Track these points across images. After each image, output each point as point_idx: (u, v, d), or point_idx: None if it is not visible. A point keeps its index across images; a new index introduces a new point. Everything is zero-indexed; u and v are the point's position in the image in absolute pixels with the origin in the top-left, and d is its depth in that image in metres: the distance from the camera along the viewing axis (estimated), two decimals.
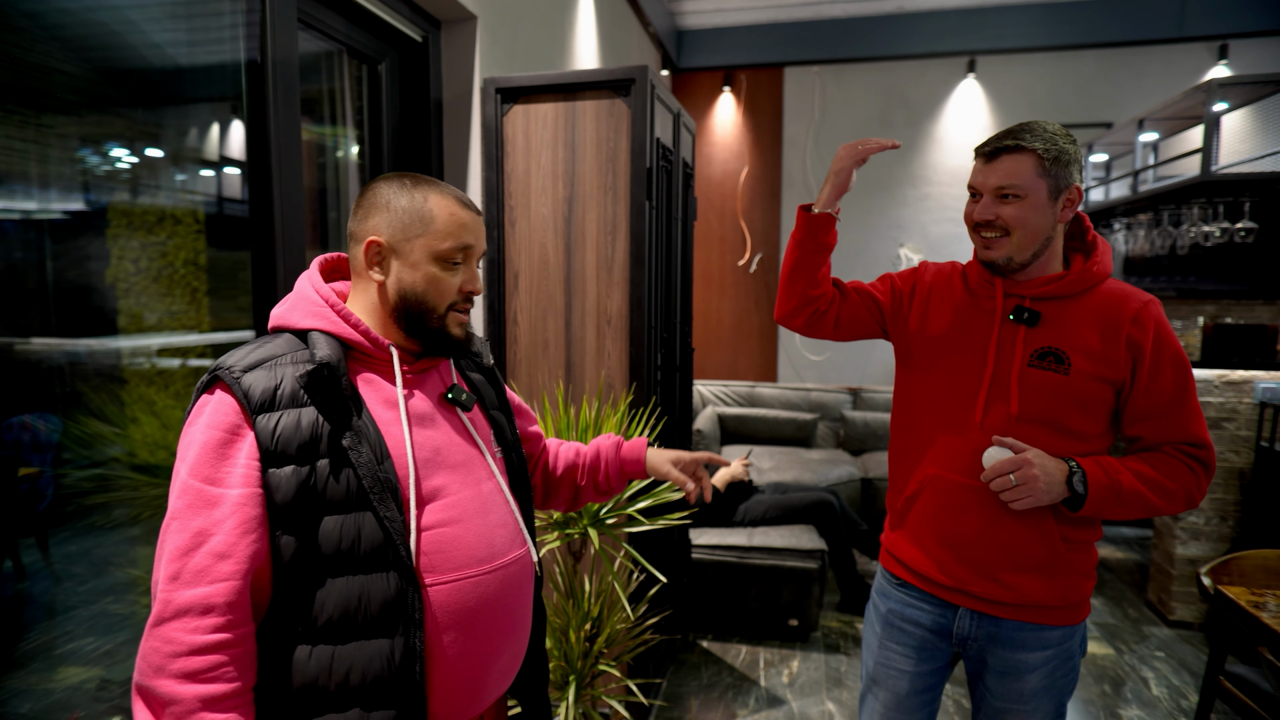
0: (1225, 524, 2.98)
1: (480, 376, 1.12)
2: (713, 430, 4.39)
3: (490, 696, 0.98)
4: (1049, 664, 1.27)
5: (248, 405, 0.84)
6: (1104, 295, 1.24)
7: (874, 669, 1.42)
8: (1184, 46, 4.67)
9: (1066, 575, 1.24)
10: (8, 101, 1.30)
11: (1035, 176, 1.19)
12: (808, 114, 5.16)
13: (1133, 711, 2.47)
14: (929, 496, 1.30)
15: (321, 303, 0.93)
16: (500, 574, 0.96)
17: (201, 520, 0.80)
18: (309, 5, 1.75)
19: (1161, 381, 1.20)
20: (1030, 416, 1.22)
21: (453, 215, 0.95)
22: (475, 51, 2.21)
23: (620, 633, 1.84)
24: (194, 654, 0.77)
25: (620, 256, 2.13)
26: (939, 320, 1.35)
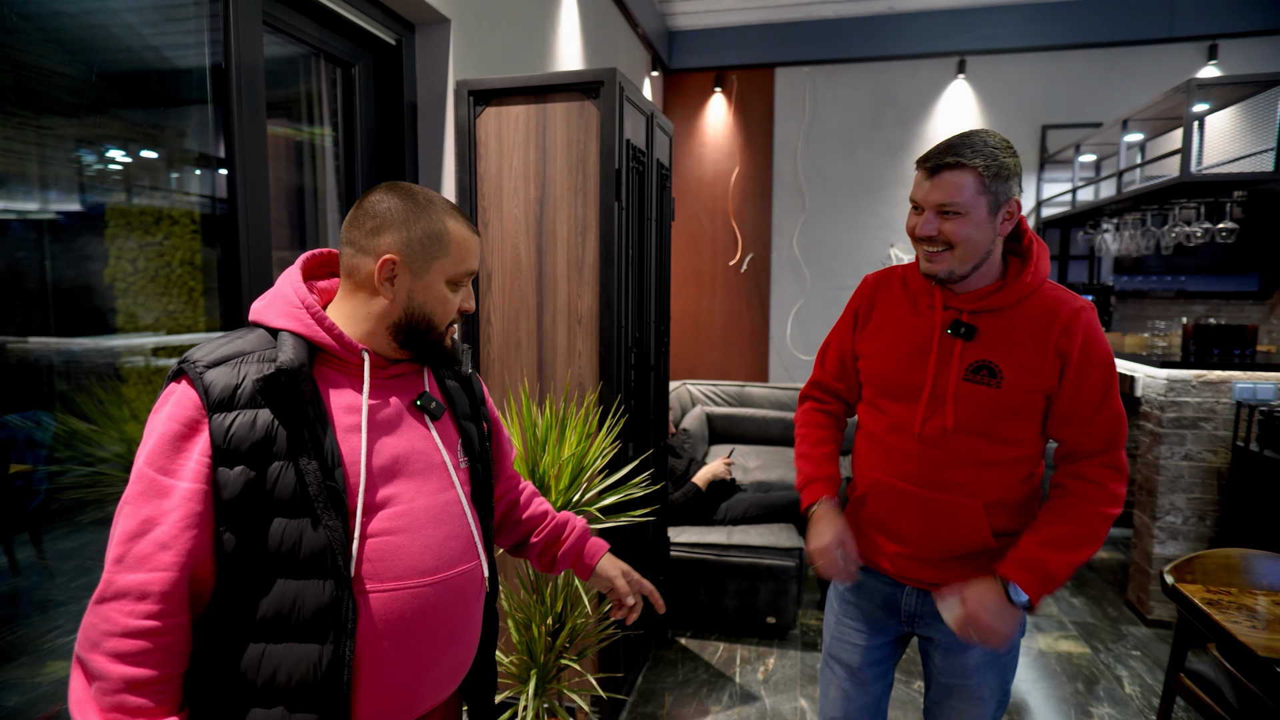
0: (1204, 524, 2.98)
1: (456, 384, 1.11)
2: (700, 430, 4.42)
3: (423, 706, 0.98)
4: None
5: (206, 401, 0.85)
6: (1038, 303, 1.28)
7: (830, 644, 1.51)
8: (1174, 46, 4.66)
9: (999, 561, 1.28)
10: (7, 103, 1.33)
11: (976, 193, 1.21)
12: (798, 114, 5.17)
13: (1104, 709, 2.49)
14: (875, 498, 1.38)
15: (298, 304, 0.94)
16: (443, 586, 0.96)
17: (150, 509, 0.83)
18: (278, 10, 1.78)
19: (1085, 388, 1.24)
20: (965, 428, 1.27)
21: (465, 241, 0.98)
22: (449, 54, 2.24)
23: (582, 628, 1.86)
24: (125, 636, 0.80)
25: (590, 257, 2.15)
26: (883, 333, 1.40)
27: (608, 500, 1.88)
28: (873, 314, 1.43)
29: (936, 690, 1.42)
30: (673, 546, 2.99)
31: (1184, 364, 2.97)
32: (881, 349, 1.38)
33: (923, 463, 1.31)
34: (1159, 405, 3.00)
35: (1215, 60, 4.57)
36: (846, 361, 1.48)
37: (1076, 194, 4.49)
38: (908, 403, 1.33)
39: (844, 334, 1.48)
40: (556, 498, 1.80)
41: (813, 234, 5.21)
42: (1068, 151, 4.59)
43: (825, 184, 5.17)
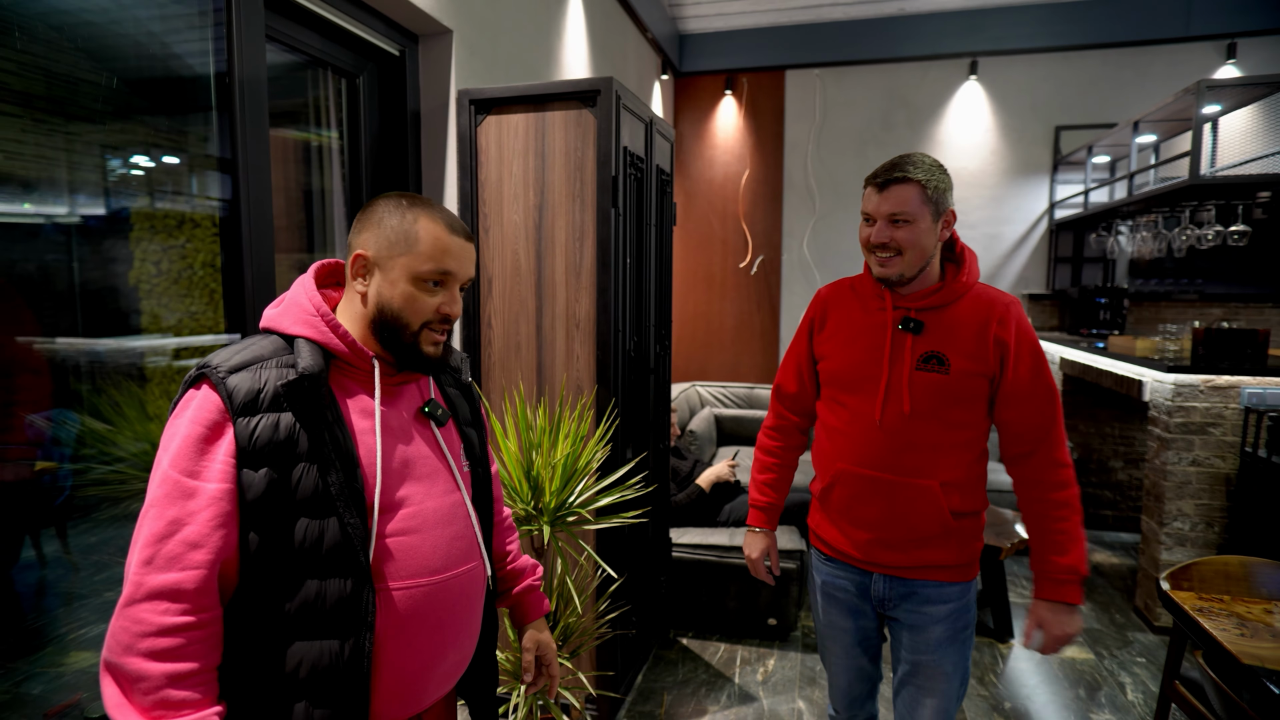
0: (1211, 530, 2.95)
1: (457, 392, 1.16)
2: (708, 431, 4.44)
3: (431, 697, 1.03)
4: (951, 617, 1.49)
5: (230, 406, 0.88)
6: (973, 300, 1.46)
7: (822, 629, 1.68)
8: (1191, 46, 4.60)
9: (958, 541, 1.47)
10: (38, 110, 1.40)
11: (921, 203, 1.38)
12: (809, 116, 5.18)
13: (1104, 716, 2.47)
14: (841, 487, 1.53)
15: (313, 311, 0.97)
16: (450, 584, 1.00)
17: (177, 510, 0.85)
18: (282, 24, 1.84)
19: (1022, 369, 1.42)
20: (920, 413, 1.44)
21: (437, 240, 0.98)
22: (451, 64, 2.29)
23: (576, 626, 1.90)
24: (162, 635, 0.82)
25: (588, 262, 2.19)
26: (840, 335, 1.56)
27: (601, 502, 1.92)
28: (828, 320, 1.60)
29: (904, 669, 1.55)
30: (675, 547, 3.01)
31: (1193, 368, 2.94)
32: (839, 348, 1.55)
33: (883, 449, 1.46)
34: (1166, 410, 2.97)
35: (1234, 59, 4.50)
36: (803, 368, 1.65)
37: (1089, 196, 4.44)
38: (866, 394, 1.48)
39: (801, 343, 1.65)
40: (550, 498, 1.83)
41: (823, 236, 5.20)
42: (1080, 153, 4.54)
43: (836, 186, 5.16)
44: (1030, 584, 3.57)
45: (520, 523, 1.89)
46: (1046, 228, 4.87)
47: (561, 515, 1.88)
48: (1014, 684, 2.68)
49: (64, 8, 1.41)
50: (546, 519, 1.86)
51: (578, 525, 1.92)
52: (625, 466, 2.17)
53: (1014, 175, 4.89)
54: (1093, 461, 4.32)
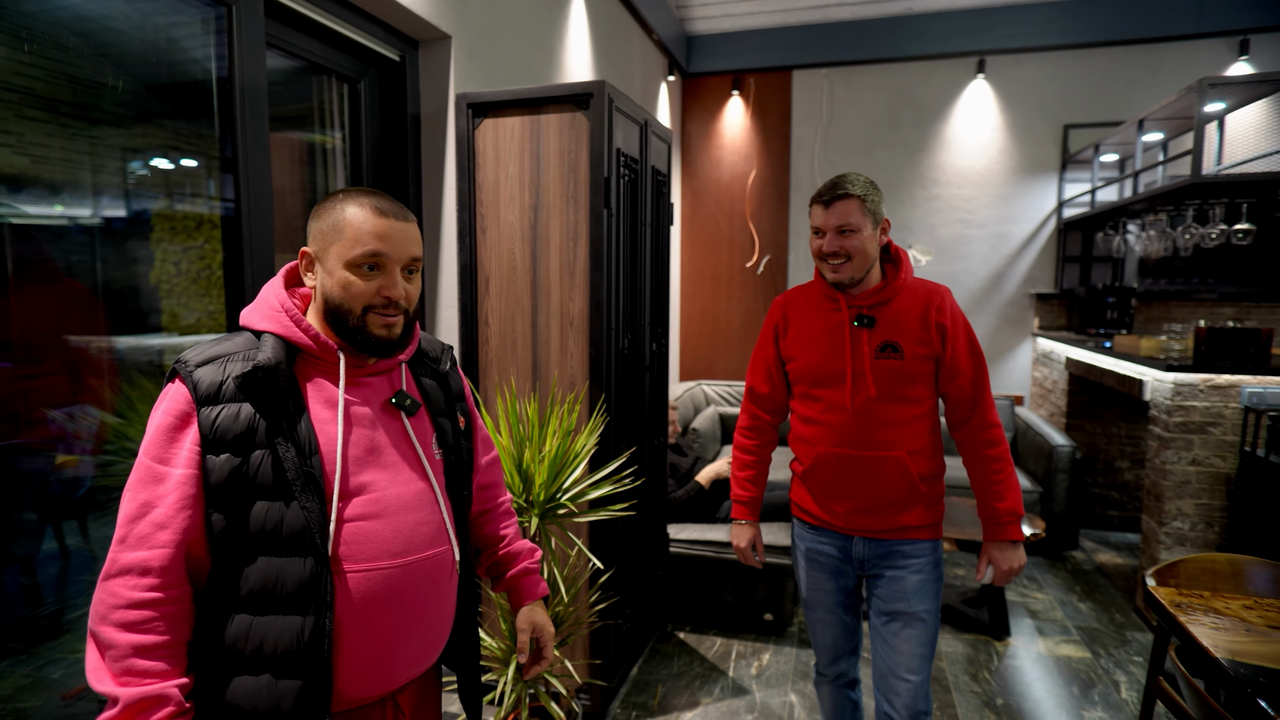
0: (1211, 530, 2.94)
1: (433, 382, 1.18)
2: (711, 429, 4.47)
3: (399, 678, 1.05)
4: (924, 569, 1.70)
5: (195, 396, 0.94)
6: (912, 293, 1.69)
7: (806, 593, 1.84)
8: (1203, 42, 4.56)
9: (925, 505, 1.70)
10: (63, 115, 1.47)
11: (861, 214, 1.62)
12: (816, 116, 5.19)
13: (1096, 713, 2.48)
14: (821, 468, 1.72)
15: (278, 308, 1.02)
16: (414, 567, 1.03)
17: (148, 493, 0.92)
18: (286, 32, 1.91)
19: (959, 348, 1.67)
20: (883, 395, 1.65)
21: (363, 224, 1.00)
22: (450, 69, 2.35)
23: (566, 615, 1.95)
24: (130, 608, 0.89)
25: (581, 261, 2.24)
26: (803, 337, 1.76)
27: (591, 495, 1.97)
28: (789, 326, 1.79)
29: (883, 619, 1.73)
30: (673, 543, 3.06)
31: (1194, 368, 2.93)
32: (805, 349, 1.74)
33: (856, 430, 1.67)
34: (1166, 409, 2.97)
35: (1247, 56, 4.45)
36: (773, 369, 1.83)
37: (1095, 195, 4.42)
38: (835, 385, 1.69)
39: (767, 347, 1.84)
40: (539, 490, 1.89)
41: None
42: (1087, 152, 4.52)
43: None
44: (1029, 582, 3.57)
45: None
46: (1055, 227, 4.85)
47: (551, 507, 1.93)
48: (1008, 681, 2.69)
49: (89, 15, 1.48)
50: (537, 511, 1.91)
51: (568, 518, 1.98)
52: (615, 461, 2.22)
53: (1022, 174, 4.87)
54: (1099, 461, 4.30)
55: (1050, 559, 3.86)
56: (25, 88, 1.41)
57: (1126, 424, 4.24)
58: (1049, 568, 3.75)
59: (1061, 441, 3.84)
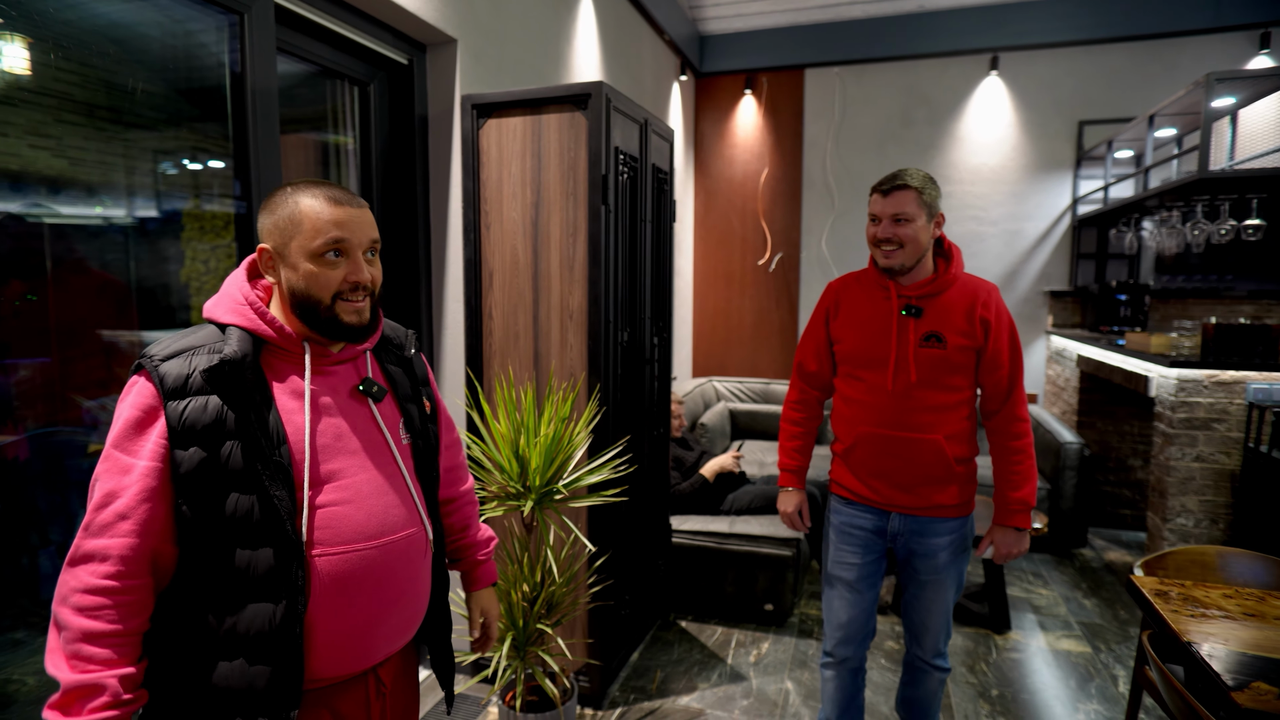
0: (1216, 526, 2.93)
1: (398, 369, 1.21)
2: (721, 425, 4.52)
3: (376, 655, 1.09)
4: (953, 545, 1.85)
5: (162, 390, 0.96)
6: (961, 287, 1.81)
7: (830, 567, 1.96)
8: (1222, 36, 4.50)
9: (959, 484, 1.82)
10: (98, 119, 1.57)
11: (918, 206, 1.74)
12: (828, 114, 5.21)
13: (1091, 706, 2.49)
14: (862, 446, 1.85)
15: (242, 301, 1.04)
16: (387, 549, 1.06)
17: (113, 483, 0.94)
18: (296, 37, 2.01)
19: (1001, 343, 1.78)
20: (924, 382, 1.78)
21: (319, 214, 1.02)
22: (456, 71, 2.44)
23: (560, 597, 2.02)
24: (86, 593, 0.91)
25: (580, 257, 2.31)
26: (853, 321, 1.88)
27: (586, 481, 2.04)
28: (840, 309, 1.92)
29: (914, 586, 1.91)
30: (676, 534, 3.12)
31: (1201, 364, 2.92)
32: (854, 332, 1.86)
33: (896, 411, 1.79)
34: (1170, 405, 2.96)
35: (1268, 49, 4.38)
36: (822, 349, 1.96)
37: (1109, 191, 4.39)
38: (879, 369, 1.81)
39: (818, 329, 1.97)
40: (534, 476, 1.96)
41: (842, 233, 5.24)
42: (1102, 148, 4.49)
43: (855, 183, 5.19)
44: (1035, 578, 3.57)
45: (509, 499, 2.02)
46: (1069, 224, 4.82)
47: (548, 492, 2.01)
48: (1005, 672, 2.71)
49: (121, 22, 1.59)
50: (534, 495, 1.99)
51: (563, 502, 2.05)
52: (611, 449, 2.29)
53: (1035, 171, 4.85)
54: (1111, 459, 4.27)
55: (1058, 556, 3.85)
56: (63, 93, 1.52)
57: (1139, 422, 4.21)
58: (1055, 565, 3.74)
59: (1070, 439, 3.83)
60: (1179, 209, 3.62)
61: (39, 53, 1.45)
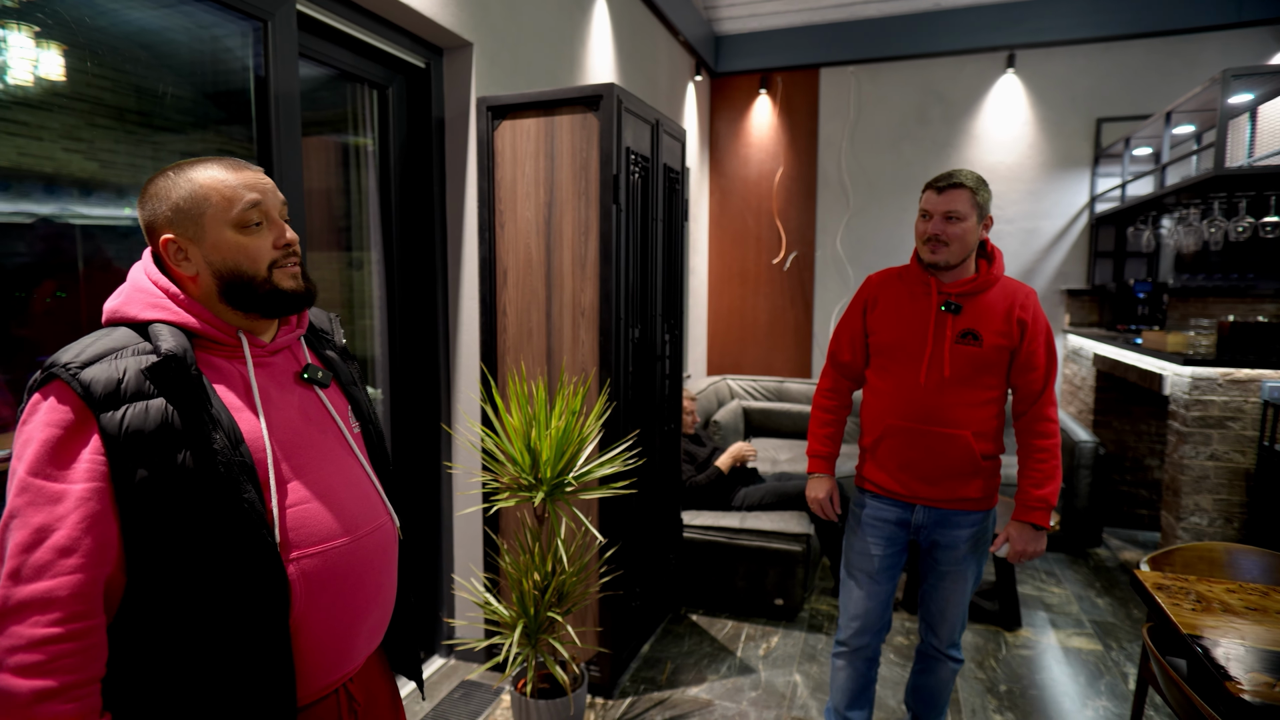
0: (1230, 525, 2.91)
1: (334, 355, 1.13)
2: (734, 423, 4.55)
3: (361, 655, 1.02)
4: (974, 537, 1.90)
5: (90, 401, 0.82)
6: (1001, 289, 1.86)
7: (852, 558, 2.01)
8: (1244, 32, 4.45)
9: (984, 478, 1.87)
10: (128, 123, 1.65)
11: (970, 205, 1.78)
12: (843, 113, 5.22)
13: (1101, 702, 2.50)
14: (890, 439, 1.90)
15: (159, 293, 0.92)
16: (361, 543, 1.00)
17: (43, 516, 0.80)
18: (317, 42, 2.08)
19: (1036, 345, 1.82)
20: (957, 378, 1.82)
21: (224, 182, 0.94)
22: (472, 74, 2.50)
23: (571, 585, 2.07)
24: (31, 648, 0.77)
25: (592, 255, 2.36)
26: (890, 314, 1.92)
27: (596, 473, 2.09)
28: (879, 303, 1.96)
29: (934, 577, 1.95)
30: (687, 528, 3.16)
31: (1216, 362, 2.90)
32: (891, 325, 1.90)
33: (927, 406, 1.83)
34: (1184, 404, 2.95)
35: None
36: (856, 340, 2.01)
37: (1126, 189, 4.36)
38: (913, 363, 1.85)
39: (854, 319, 2.01)
40: (545, 468, 2.02)
41: (857, 232, 5.24)
42: (1119, 145, 4.46)
43: (870, 182, 5.19)
44: (1047, 577, 3.57)
45: (521, 490, 2.08)
46: (1086, 222, 4.79)
47: (559, 485, 2.06)
48: (1014, 669, 2.72)
49: (149, 28, 1.67)
50: (544, 488, 2.04)
51: (574, 495, 2.10)
52: (621, 442, 2.33)
53: (1052, 169, 4.82)
54: (1127, 459, 4.24)
55: (1071, 555, 3.84)
56: (95, 98, 1.60)
57: (1156, 421, 4.18)
58: (1069, 564, 3.73)
59: (1085, 437, 3.82)
60: (1197, 206, 3.59)
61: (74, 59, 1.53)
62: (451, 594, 2.67)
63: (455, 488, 2.65)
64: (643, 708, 2.45)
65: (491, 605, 2.11)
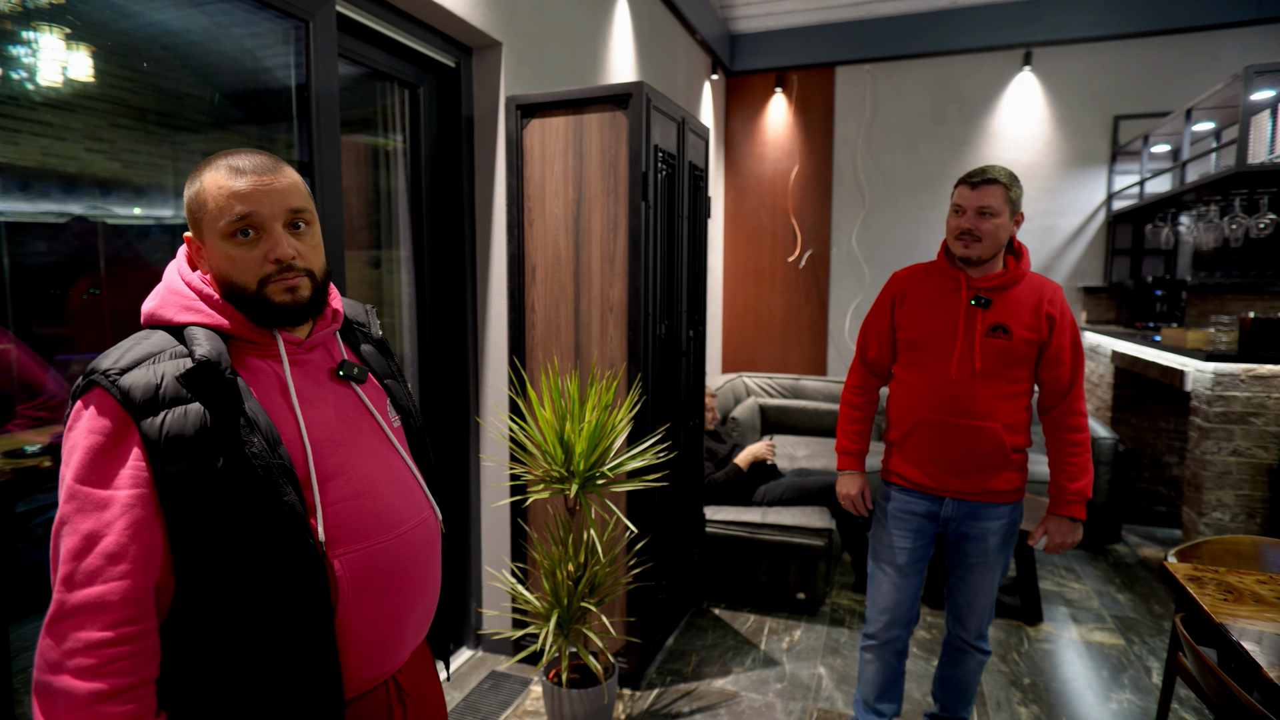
0: (1253, 521, 2.92)
1: (371, 348, 1.13)
2: (751, 420, 4.58)
3: (408, 647, 1.03)
4: (1003, 530, 1.93)
5: (129, 407, 0.83)
6: (1028, 284, 1.88)
7: (880, 551, 2.03)
8: (1264, 29, 4.44)
9: (1012, 471, 1.89)
10: (149, 123, 1.68)
11: (1003, 202, 1.81)
12: (859, 112, 5.23)
13: (1124, 695, 2.51)
14: (919, 431, 1.92)
15: (193, 295, 0.93)
16: (406, 537, 0.99)
17: (91, 523, 0.81)
18: (353, 43, 2.12)
19: (1063, 339, 1.86)
20: (987, 371, 1.85)
21: (220, 190, 0.90)
22: (500, 74, 2.54)
23: (603, 576, 2.11)
24: (88, 651, 0.80)
25: (620, 251, 2.39)
26: (919, 309, 1.94)
27: (627, 466, 2.12)
28: (908, 298, 1.98)
29: (963, 569, 1.98)
30: (709, 524, 3.19)
31: (1238, 358, 2.91)
32: (920, 320, 1.93)
33: (958, 399, 1.85)
34: (1206, 400, 2.96)
35: None
36: (884, 336, 2.03)
37: (1144, 186, 4.36)
38: (943, 356, 1.87)
39: (882, 315, 2.03)
40: (578, 460, 2.05)
41: (872, 230, 5.26)
42: (1138, 143, 4.46)
43: (886, 180, 5.20)
44: (1067, 572, 3.58)
45: (554, 482, 2.11)
46: (1104, 219, 4.79)
47: (591, 477, 2.09)
48: (1037, 663, 2.74)
49: (172, 29, 1.71)
50: (577, 480, 2.08)
51: (605, 487, 2.13)
52: (652, 435, 2.36)
53: (1069, 166, 4.83)
54: (1146, 456, 4.24)
55: (1091, 551, 3.85)
56: (117, 98, 1.63)
57: (1175, 418, 4.18)
58: (1089, 560, 3.74)
59: (1103, 434, 3.82)
60: (1217, 203, 3.60)
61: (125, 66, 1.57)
62: (479, 585, 2.70)
63: (484, 480, 2.69)
64: (670, 699, 2.48)
65: (524, 596, 2.14)
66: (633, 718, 2.38)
